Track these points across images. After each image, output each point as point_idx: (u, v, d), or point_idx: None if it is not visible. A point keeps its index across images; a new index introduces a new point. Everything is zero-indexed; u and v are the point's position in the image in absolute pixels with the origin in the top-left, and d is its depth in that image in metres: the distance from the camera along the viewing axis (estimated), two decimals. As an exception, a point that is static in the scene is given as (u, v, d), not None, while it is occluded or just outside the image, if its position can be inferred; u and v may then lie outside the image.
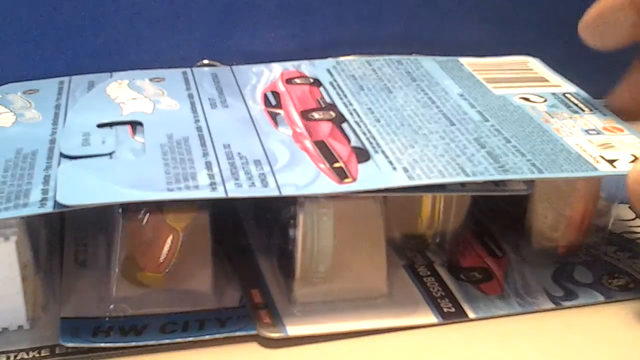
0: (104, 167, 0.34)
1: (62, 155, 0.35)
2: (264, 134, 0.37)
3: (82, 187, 0.32)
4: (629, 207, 0.43)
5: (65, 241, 0.39)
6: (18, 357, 0.32)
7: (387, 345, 0.34)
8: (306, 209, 0.34)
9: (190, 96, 0.41)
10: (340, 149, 0.36)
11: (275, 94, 0.41)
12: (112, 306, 0.34)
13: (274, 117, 0.39)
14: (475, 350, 0.34)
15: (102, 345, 0.32)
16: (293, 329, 0.34)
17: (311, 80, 0.43)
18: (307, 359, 0.33)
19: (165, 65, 0.44)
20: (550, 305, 0.36)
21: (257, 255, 0.38)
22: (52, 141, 0.36)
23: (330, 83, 0.43)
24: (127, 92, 0.41)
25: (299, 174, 0.34)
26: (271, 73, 0.44)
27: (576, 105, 0.41)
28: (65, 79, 0.43)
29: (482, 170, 0.34)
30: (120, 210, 0.34)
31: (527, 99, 0.41)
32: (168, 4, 0.48)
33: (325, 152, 0.36)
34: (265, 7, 0.49)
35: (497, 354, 0.34)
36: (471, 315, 0.35)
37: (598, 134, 0.38)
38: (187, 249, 0.34)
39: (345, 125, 0.38)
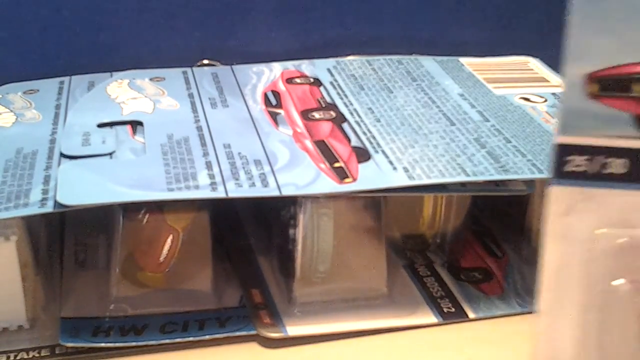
0: (104, 167, 0.34)
1: (62, 155, 0.35)
2: (264, 134, 0.37)
3: (82, 187, 0.32)
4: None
5: (65, 241, 0.39)
6: (18, 357, 0.32)
7: (387, 345, 0.34)
8: (306, 209, 0.34)
9: (191, 96, 0.41)
10: (340, 148, 0.36)
11: (276, 94, 0.41)
12: (112, 306, 0.34)
13: (274, 116, 0.39)
14: (475, 350, 0.34)
15: (102, 345, 0.32)
16: (293, 329, 0.34)
17: (311, 80, 0.43)
18: (307, 359, 0.33)
19: (165, 65, 0.44)
20: (551, 305, 0.36)
21: (257, 255, 0.38)
22: (52, 141, 0.36)
23: (331, 83, 0.43)
24: (127, 92, 0.41)
25: (299, 174, 0.34)
26: (271, 73, 0.44)
27: (576, 105, 0.41)
28: (65, 79, 0.43)
29: (482, 170, 0.34)
30: (120, 210, 0.34)
31: (527, 99, 0.41)
32: (168, 4, 0.48)
33: (326, 152, 0.36)
34: (265, 7, 0.49)
35: (497, 354, 0.34)
36: (471, 315, 0.35)
37: (598, 134, 0.38)
38: (187, 249, 0.34)
39: (345, 125, 0.38)
